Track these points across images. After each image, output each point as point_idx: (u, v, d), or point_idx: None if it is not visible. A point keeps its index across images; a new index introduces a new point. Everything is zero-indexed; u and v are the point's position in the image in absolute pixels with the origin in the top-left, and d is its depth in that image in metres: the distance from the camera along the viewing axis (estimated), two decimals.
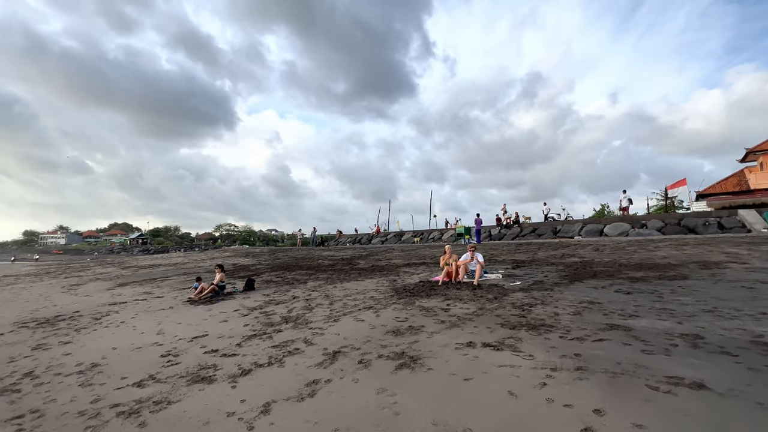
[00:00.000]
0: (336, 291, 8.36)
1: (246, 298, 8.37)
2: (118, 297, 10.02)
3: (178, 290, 10.49)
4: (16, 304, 10.21)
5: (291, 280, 10.76)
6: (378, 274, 10.55)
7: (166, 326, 6.33)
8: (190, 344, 5.18)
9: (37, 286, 14.57)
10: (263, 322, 6.06)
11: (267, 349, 4.67)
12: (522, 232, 22.50)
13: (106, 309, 8.33)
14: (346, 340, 4.83)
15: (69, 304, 9.37)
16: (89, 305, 9.00)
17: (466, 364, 3.72)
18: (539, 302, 5.97)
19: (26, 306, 9.61)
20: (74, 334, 6.29)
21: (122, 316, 7.52)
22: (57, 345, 5.63)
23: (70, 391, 3.84)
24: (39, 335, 6.35)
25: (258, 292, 9.14)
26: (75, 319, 7.52)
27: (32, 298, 11.03)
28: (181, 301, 8.65)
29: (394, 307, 6.37)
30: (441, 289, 7.61)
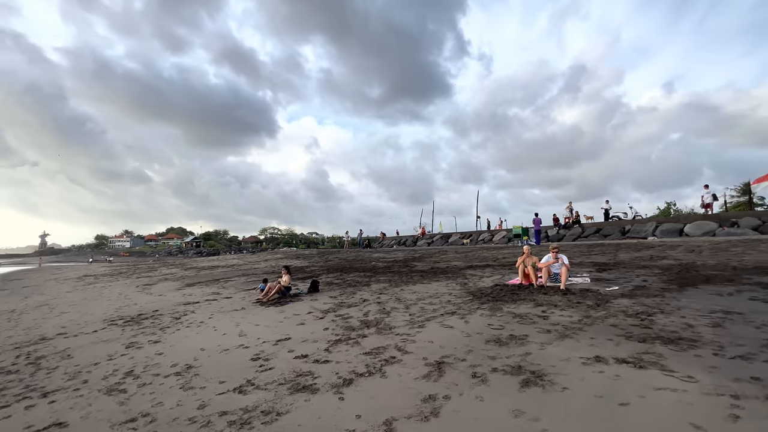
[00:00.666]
0: (406, 294, 7.97)
1: (314, 300, 8.23)
2: (190, 297, 10.37)
3: (243, 291, 10.68)
4: (100, 302, 10.92)
5: (352, 282, 10.55)
6: (442, 276, 10.04)
7: (245, 328, 6.28)
8: (276, 348, 5.01)
9: (114, 285, 15.69)
10: (343, 326, 5.79)
11: (360, 357, 4.36)
12: (584, 232, 20.87)
13: (182, 309, 8.57)
14: (443, 348, 4.39)
15: (147, 303, 9.82)
16: (166, 304, 9.35)
17: (609, 385, 3.14)
18: (657, 310, 5.16)
19: (110, 304, 10.22)
20: (160, 333, 6.42)
21: (199, 315, 7.66)
22: (148, 344, 5.74)
23: (173, 394, 3.74)
24: (128, 333, 6.56)
25: (323, 294, 8.99)
26: (156, 318, 7.77)
27: (113, 297, 11.78)
28: (251, 302, 8.70)
29: (480, 313, 5.84)
30: (524, 294, 6.95)
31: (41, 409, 3.62)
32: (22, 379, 4.52)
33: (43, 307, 10.70)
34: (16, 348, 6.07)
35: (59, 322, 8.16)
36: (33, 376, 4.65)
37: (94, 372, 4.62)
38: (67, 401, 3.76)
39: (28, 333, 7.21)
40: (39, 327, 7.76)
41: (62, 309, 9.94)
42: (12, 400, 3.88)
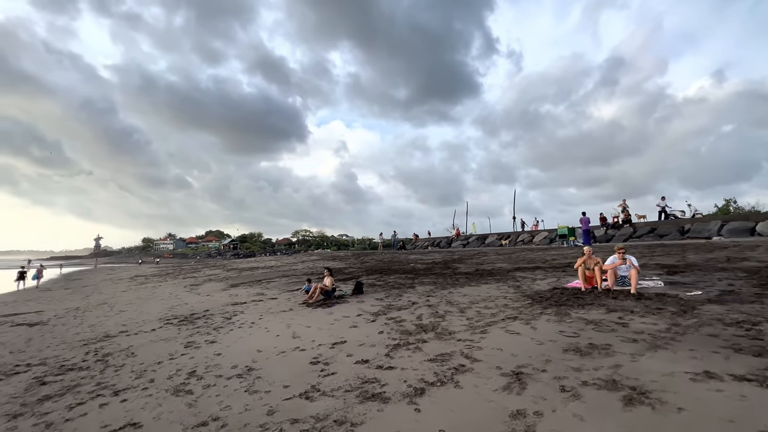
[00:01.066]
0: (456, 297, 7.62)
1: (360, 302, 8.07)
2: (236, 297, 10.57)
3: (287, 292, 10.74)
4: (154, 301, 11.40)
5: (394, 284, 10.32)
6: (490, 279, 9.57)
7: (298, 329, 6.20)
8: (333, 351, 4.85)
9: (164, 285, 16.44)
10: (398, 330, 5.56)
11: (425, 364, 4.09)
12: (636, 232, 19.45)
13: (232, 309, 8.70)
14: (516, 357, 4.03)
15: (197, 303, 10.10)
16: (215, 305, 9.56)
17: (737, 406, 2.67)
18: (762, 319, 4.50)
19: (163, 303, 10.63)
20: (215, 333, 6.49)
21: (248, 316, 7.72)
22: (205, 344, 5.78)
23: (239, 397, 3.66)
24: (185, 333, 6.69)
25: (368, 296, 8.82)
26: (208, 318, 7.92)
27: (165, 296, 12.29)
28: (296, 303, 8.69)
29: (546, 319, 5.40)
30: (590, 298, 6.39)
31: (114, 408, 3.65)
32: (93, 376, 4.64)
33: (103, 305, 11.31)
34: (84, 345, 6.34)
35: (119, 320, 8.52)
36: (103, 373, 4.77)
37: (159, 371, 4.66)
38: (138, 400, 3.77)
39: (93, 330, 7.56)
40: (102, 324, 8.14)
41: (120, 308, 10.44)
42: (87, 398, 3.96)
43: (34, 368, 5.19)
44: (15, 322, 8.99)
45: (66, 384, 4.43)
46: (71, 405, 3.78)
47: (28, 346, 6.58)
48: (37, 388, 4.37)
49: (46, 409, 3.75)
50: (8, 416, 3.64)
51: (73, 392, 4.15)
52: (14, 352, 6.15)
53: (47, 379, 4.68)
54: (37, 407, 3.80)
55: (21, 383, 4.59)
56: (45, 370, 5.02)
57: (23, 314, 10.32)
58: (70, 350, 6.05)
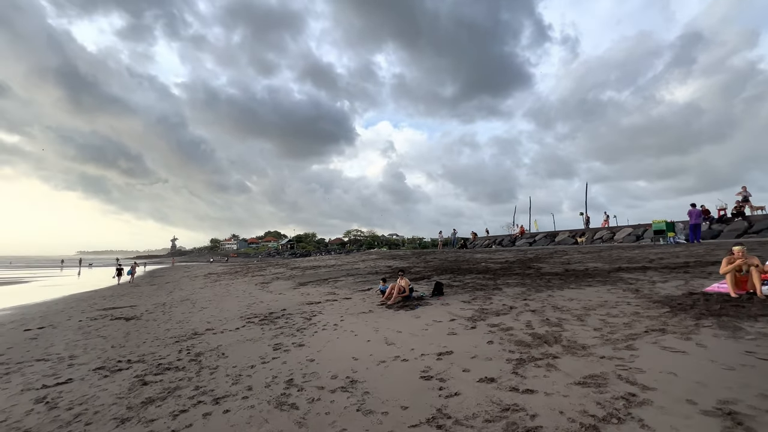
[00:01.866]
0: (560, 301, 6.56)
1: (445, 305, 7.32)
2: (309, 296, 10.40)
3: (359, 292, 10.35)
4: (230, 298, 11.68)
5: (474, 284, 9.42)
6: (591, 280, 8.28)
7: (388, 334, 5.62)
8: (442, 364, 4.16)
9: (236, 283, 17.10)
10: (511, 340, 4.72)
11: (573, 388, 3.23)
12: (752, 227, 16.38)
13: (308, 308, 8.45)
14: (705, 387, 3.01)
15: (273, 302, 10.07)
16: (290, 303, 9.42)
17: None
18: None
19: (240, 301, 10.80)
20: (299, 335, 6.15)
21: (328, 317, 7.35)
22: (294, 347, 5.43)
23: (353, 418, 3.10)
24: (269, 333, 6.45)
25: (450, 298, 8.04)
26: (288, 317, 7.70)
27: (240, 294, 12.60)
28: (374, 304, 8.20)
29: (712, 333, 4.22)
30: (756, 308, 5.01)
31: (218, 421, 3.29)
32: (190, 378, 4.44)
33: (186, 301, 11.83)
34: (176, 342, 6.35)
35: (203, 317, 8.66)
36: (198, 375, 4.55)
37: (255, 377, 4.33)
38: (242, 412, 3.39)
39: (181, 326, 7.69)
40: (188, 321, 8.30)
41: (202, 304, 10.78)
42: (188, 404, 3.69)
43: (134, 365, 5.17)
44: (113, 316, 9.60)
45: (166, 386, 4.25)
46: (174, 412, 3.51)
47: (127, 341, 6.77)
48: (140, 388, 4.23)
49: (151, 415, 3.51)
50: (116, 420, 3.45)
51: (175, 396, 3.91)
52: (115, 347, 6.33)
53: (147, 378, 4.57)
54: (142, 412, 3.59)
55: (125, 381, 4.52)
56: (144, 369, 4.96)
57: (120, 308, 11.09)
58: (164, 347, 6.07)
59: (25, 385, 4.69)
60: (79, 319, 9.49)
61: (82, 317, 9.78)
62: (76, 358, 5.80)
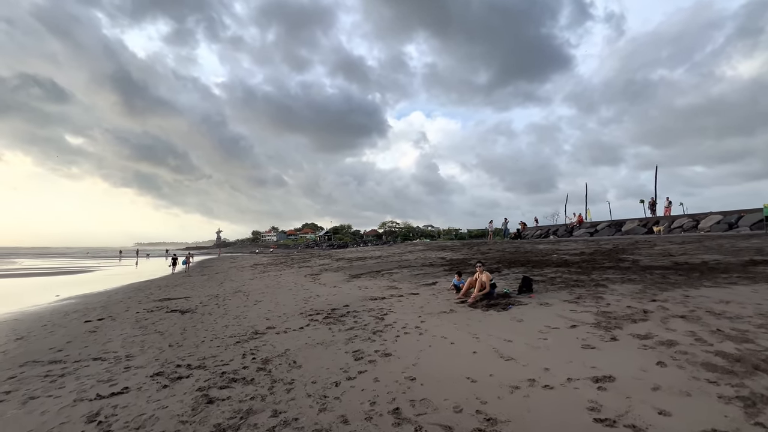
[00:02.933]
0: (709, 303, 5.03)
1: (544, 305, 6.01)
2: (368, 291, 9.46)
3: (423, 286, 9.26)
4: (283, 291, 11.04)
5: (565, 280, 7.99)
6: (729, 276, 6.58)
7: (495, 344, 4.45)
8: (613, 397, 2.92)
9: (284, 274, 16.67)
10: (690, 362, 3.37)
11: None
12: None
13: (374, 305, 7.47)
14: None
15: (330, 296, 9.24)
16: (350, 299, 8.51)
17: None
18: None
19: (294, 294, 10.09)
20: (377, 339, 5.15)
21: (403, 316, 6.30)
22: (378, 357, 4.41)
23: None
24: (340, 335, 5.51)
25: (546, 296, 6.71)
26: (354, 315, 6.76)
27: (291, 285, 11.97)
28: (452, 301, 7.06)
29: None
30: None
31: None
32: (264, 397, 3.53)
33: (238, 293, 11.35)
34: (237, 343, 5.59)
35: (260, 312, 7.97)
36: (272, 391, 3.65)
37: (344, 399, 3.33)
38: None
39: (239, 323, 7.00)
40: (245, 316, 7.62)
41: (255, 297, 10.19)
42: None
43: (195, 372, 4.40)
44: (169, 308, 9.21)
45: (236, 406, 3.37)
46: None
47: (184, 338, 6.14)
48: (205, 408, 3.38)
49: None
50: None
51: (250, 426, 3.00)
52: (173, 346, 5.69)
53: (212, 392, 3.74)
54: None
55: (186, 396, 3.72)
56: (207, 379, 4.16)
57: (174, 299, 10.81)
58: (224, 349, 5.31)
59: (78, 393, 4.05)
60: (136, 310, 9.20)
61: (139, 308, 9.51)
62: (132, 358, 5.18)
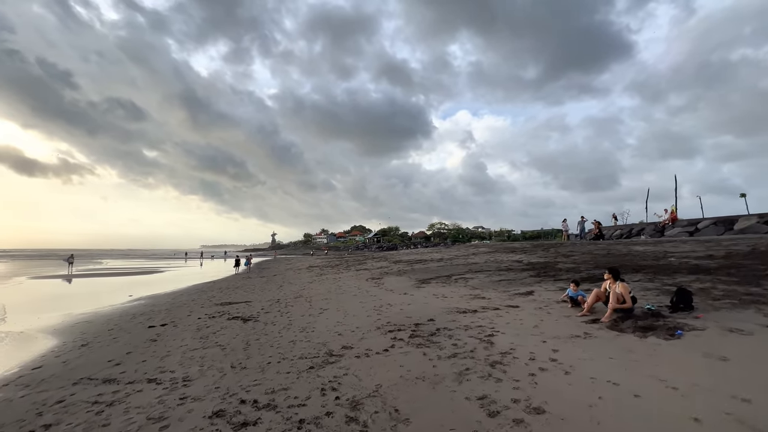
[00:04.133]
0: None
1: (736, 332, 4.13)
2: (448, 300, 8.02)
3: (518, 296, 7.60)
4: (348, 297, 9.98)
5: (722, 291, 5.89)
6: None
7: (717, 401, 2.78)
8: None
9: (344, 277, 15.77)
10: None
11: None
12: None
13: (466, 320, 6.01)
14: None
15: (404, 305, 7.93)
16: (431, 310, 7.12)
17: None
18: None
19: (362, 302, 8.95)
20: (498, 373, 3.67)
21: (516, 339, 4.77)
22: (526, 414, 2.94)
23: None
24: (443, 366, 4.12)
25: (724, 317, 4.77)
26: (446, 334, 5.35)
27: (355, 291, 10.90)
28: (578, 320, 5.37)
29: None
30: None
31: None
32: None
33: (299, 299, 10.51)
34: (311, 369, 4.45)
35: (328, 323, 6.87)
36: None
37: None
38: None
39: (308, 337, 5.93)
40: (312, 328, 6.57)
41: (320, 304, 9.20)
42: None
43: (264, 416, 3.29)
44: (230, 314, 8.53)
45: None
46: None
47: (248, 356, 5.17)
48: None
49: None
50: None
51: None
52: (235, 367, 4.71)
53: None
54: None
55: None
56: (282, 428, 3.00)
57: (236, 304, 10.22)
58: (296, 377, 4.19)
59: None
60: (198, 316, 8.64)
61: (201, 313, 8.98)
62: (190, 383, 4.25)
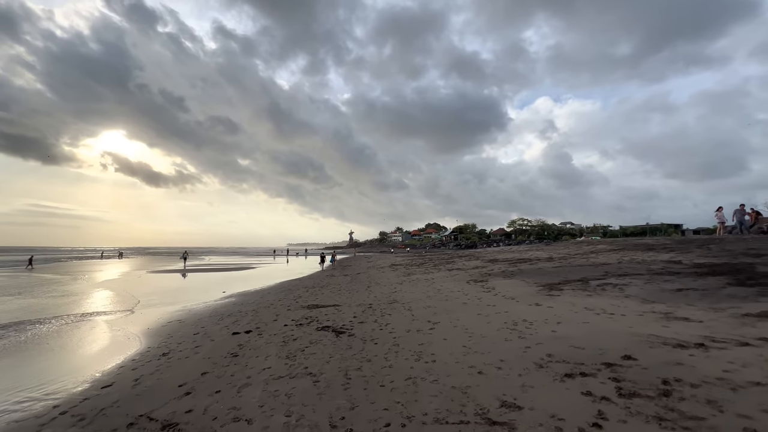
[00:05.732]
0: None
1: None
2: (624, 321, 5.43)
3: (746, 316, 4.71)
4: (456, 305, 7.92)
5: None
6: None
7: None
8: None
9: (437, 278, 13.76)
10: None
11: None
12: None
13: (703, 366, 3.49)
14: None
15: (554, 324, 5.57)
16: (610, 337, 4.66)
17: None
18: None
19: (481, 314, 6.81)
20: None
21: None
22: None
23: None
24: None
25: None
26: (689, 394, 2.96)
27: (462, 297, 8.79)
28: None
29: None
30: None
31: None
32: None
33: (394, 304, 8.79)
34: None
35: (452, 349, 4.90)
36: None
37: None
38: None
39: (431, 374, 4.04)
40: (432, 357, 4.67)
41: (423, 314, 7.32)
42: None
43: None
44: (320, 322, 7.15)
45: None
46: None
47: (351, 403, 3.46)
48: None
49: None
50: None
51: None
52: (334, 422, 2.99)
53: None
54: None
55: None
56: None
57: (324, 308, 8.93)
58: None
59: None
60: (284, 322, 7.45)
61: (287, 318, 7.81)
62: None
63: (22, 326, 8.16)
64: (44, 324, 8.40)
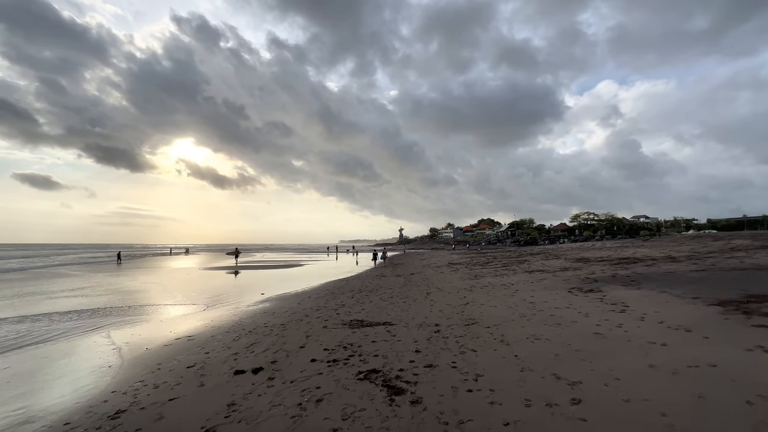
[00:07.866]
0: None
1: None
2: None
3: None
4: (575, 334, 4.89)
5: None
6: None
7: None
8: None
9: (515, 283, 10.60)
10: None
11: None
12: None
13: None
14: None
15: None
16: None
17: None
18: None
19: (648, 362, 3.79)
20: None
21: None
22: None
23: None
24: None
25: None
26: None
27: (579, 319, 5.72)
28: None
29: None
30: None
31: None
32: None
33: (474, 327, 5.99)
34: None
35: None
36: None
37: None
38: None
39: None
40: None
41: (530, 350, 4.44)
42: None
43: None
44: (364, 362, 4.64)
45: None
46: None
47: None
48: None
49: None
50: None
51: None
52: None
53: None
54: None
55: None
56: None
57: (371, 327, 6.43)
58: None
59: None
60: (314, 353, 5.05)
61: (319, 345, 5.41)
62: None
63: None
64: None
